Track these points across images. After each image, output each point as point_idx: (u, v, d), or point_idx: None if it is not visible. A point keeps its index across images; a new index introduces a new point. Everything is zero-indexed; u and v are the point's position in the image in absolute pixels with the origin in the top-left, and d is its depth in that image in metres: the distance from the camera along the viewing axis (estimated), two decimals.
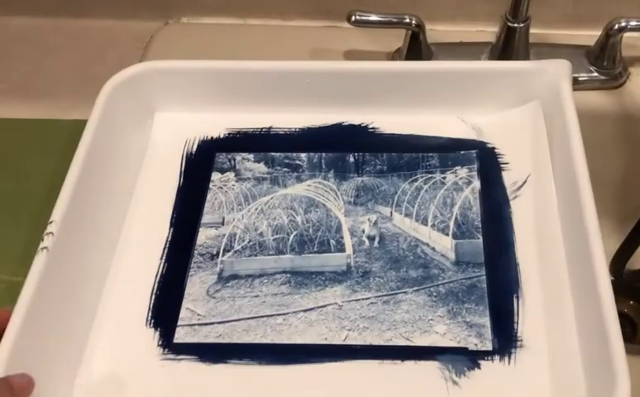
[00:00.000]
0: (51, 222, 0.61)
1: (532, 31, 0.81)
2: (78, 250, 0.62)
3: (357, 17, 0.81)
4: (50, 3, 0.94)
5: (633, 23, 0.79)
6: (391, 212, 0.68)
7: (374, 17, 0.81)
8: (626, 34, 0.80)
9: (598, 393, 0.52)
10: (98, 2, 0.94)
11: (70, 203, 0.63)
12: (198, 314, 0.61)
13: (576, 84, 0.76)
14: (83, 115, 0.73)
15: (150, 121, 0.76)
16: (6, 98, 0.87)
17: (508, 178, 0.69)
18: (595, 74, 0.83)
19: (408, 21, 0.81)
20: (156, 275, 0.64)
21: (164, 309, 0.62)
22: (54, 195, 0.63)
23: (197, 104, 0.76)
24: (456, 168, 0.71)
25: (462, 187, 0.69)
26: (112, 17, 0.95)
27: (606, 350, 0.51)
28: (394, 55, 0.87)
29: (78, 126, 0.69)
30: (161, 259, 0.66)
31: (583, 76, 0.82)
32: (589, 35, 0.84)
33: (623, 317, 0.73)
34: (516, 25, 0.80)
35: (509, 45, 0.81)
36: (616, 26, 0.79)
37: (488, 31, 0.87)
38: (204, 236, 0.67)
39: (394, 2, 0.87)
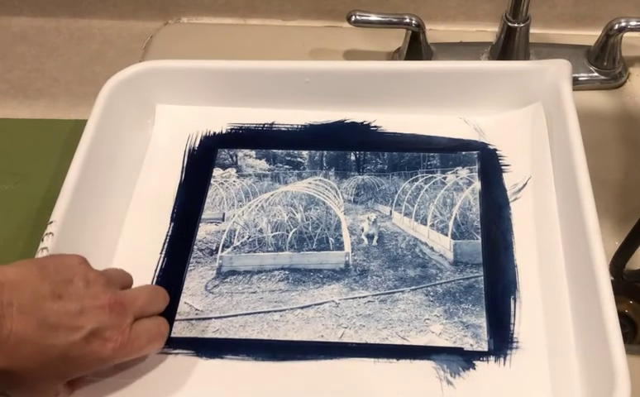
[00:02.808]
0: (51, 222, 0.61)
1: (532, 31, 0.81)
2: (79, 250, 0.62)
3: (357, 17, 0.81)
4: (50, 3, 0.95)
5: (633, 23, 0.79)
6: (391, 212, 0.68)
7: (374, 17, 0.81)
8: (626, 34, 0.80)
9: (597, 393, 0.52)
10: (98, 2, 0.94)
11: (70, 203, 0.63)
12: (196, 309, 0.62)
13: (576, 84, 0.76)
14: (83, 115, 0.73)
15: (149, 121, 0.76)
16: (6, 98, 0.87)
17: (509, 180, 0.69)
18: (595, 74, 0.83)
19: (408, 21, 0.81)
20: (156, 270, 0.65)
21: None
22: (54, 195, 0.63)
23: (196, 104, 0.76)
24: (457, 168, 0.71)
25: (462, 187, 0.69)
26: (112, 17, 0.95)
27: (606, 350, 0.51)
28: (393, 55, 0.87)
29: (78, 126, 0.70)
30: (161, 253, 0.66)
31: (583, 76, 0.82)
32: (589, 35, 0.84)
33: (623, 317, 0.74)
34: (516, 25, 0.80)
35: (509, 45, 0.81)
36: (616, 26, 0.79)
37: (488, 31, 0.87)
38: (204, 231, 0.67)
39: (394, 2, 0.87)
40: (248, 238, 0.67)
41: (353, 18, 0.81)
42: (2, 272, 0.48)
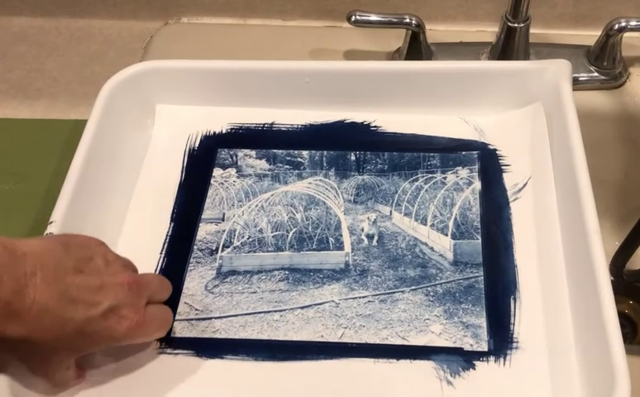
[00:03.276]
0: (51, 222, 0.61)
1: (532, 31, 0.81)
2: None
3: (357, 17, 0.81)
4: (50, 3, 0.95)
5: (633, 23, 0.79)
6: (391, 212, 0.68)
7: (374, 17, 0.81)
8: (626, 34, 0.80)
9: (597, 393, 0.52)
10: (98, 2, 0.94)
11: (70, 203, 0.63)
12: (196, 309, 0.62)
13: (576, 84, 0.76)
14: (83, 115, 0.73)
15: (149, 121, 0.76)
16: (6, 98, 0.87)
17: (509, 180, 0.69)
18: (595, 74, 0.83)
19: (408, 21, 0.81)
20: (156, 270, 0.65)
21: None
22: (54, 195, 0.63)
23: (196, 104, 0.76)
24: (457, 168, 0.71)
25: (463, 187, 0.69)
26: (112, 17, 0.95)
27: (606, 350, 0.51)
28: (393, 55, 0.87)
29: (78, 126, 0.70)
30: (161, 253, 0.66)
31: (583, 76, 0.82)
32: (589, 35, 0.84)
33: (623, 317, 0.74)
34: (516, 25, 0.79)
35: (509, 45, 0.81)
36: (616, 26, 0.79)
37: (488, 31, 0.87)
38: (204, 231, 0.68)
39: (394, 2, 0.87)
40: (248, 238, 0.67)
41: (353, 18, 0.81)
42: (25, 244, 0.48)
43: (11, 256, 0.46)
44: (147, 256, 0.65)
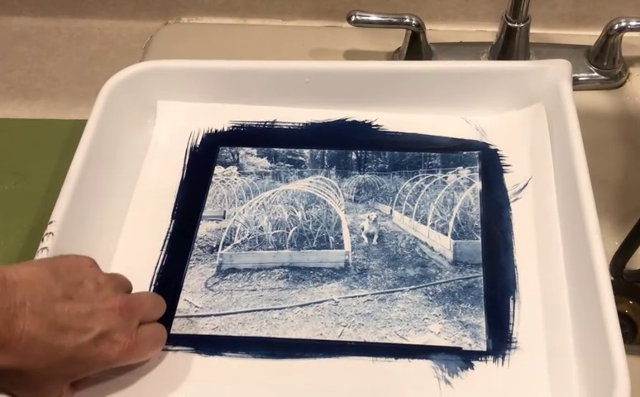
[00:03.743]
0: (51, 222, 0.61)
1: (532, 31, 0.81)
2: (79, 250, 0.62)
3: (357, 17, 0.81)
4: (50, 3, 0.95)
5: (633, 23, 0.79)
6: (391, 211, 0.68)
7: (374, 17, 0.81)
8: (626, 34, 0.80)
9: (597, 393, 0.52)
10: (98, 2, 0.94)
11: (70, 203, 0.63)
12: (196, 306, 0.62)
13: (576, 84, 0.76)
14: (83, 115, 0.73)
15: (149, 121, 0.76)
16: (6, 98, 0.87)
17: (510, 180, 0.69)
18: (595, 74, 0.83)
19: (408, 21, 0.81)
20: (156, 267, 0.65)
21: None
22: (54, 195, 0.63)
23: (195, 104, 0.76)
24: (458, 168, 0.71)
25: (463, 187, 0.69)
26: (112, 17, 0.95)
27: (606, 350, 0.51)
28: (393, 55, 0.87)
29: (78, 126, 0.70)
30: (162, 250, 0.66)
31: (583, 76, 0.82)
32: (589, 35, 0.84)
33: (623, 317, 0.74)
34: (516, 25, 0.80)
35: (509, 45, 0.81)
36: (616, 26, 0.79)
37: (488, 31, 0.87)
38: (205, 229, 0.68)
39: (394, 2, 0.87)
40: (248, 236, 0.67)
41: (353, 18, 0.81)
42: (15, 272, 0.48)
43: (0, 286, 0.46)
44: (148, 253, 0.65)
